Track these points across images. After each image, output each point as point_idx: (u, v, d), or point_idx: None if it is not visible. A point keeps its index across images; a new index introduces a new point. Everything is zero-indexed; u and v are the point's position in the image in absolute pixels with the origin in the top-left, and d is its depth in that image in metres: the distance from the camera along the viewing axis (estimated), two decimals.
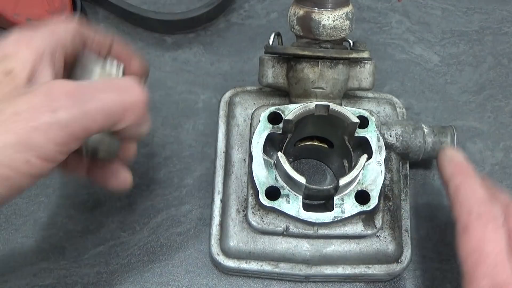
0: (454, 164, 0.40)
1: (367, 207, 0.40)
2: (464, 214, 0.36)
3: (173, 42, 0.56)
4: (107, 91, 0.31)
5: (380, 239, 0.43)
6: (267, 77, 0.44)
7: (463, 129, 0.53)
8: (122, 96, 0.31)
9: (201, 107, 0.53)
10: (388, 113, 0.47)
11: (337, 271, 0.43)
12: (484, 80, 0.55)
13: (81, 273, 0.46)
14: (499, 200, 0.38)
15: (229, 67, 0.55)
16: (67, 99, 0.28)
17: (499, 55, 0.56)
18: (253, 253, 0.43)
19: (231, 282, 0.46)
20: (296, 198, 0.40)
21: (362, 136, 0.42)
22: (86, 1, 0.56)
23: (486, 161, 0.52)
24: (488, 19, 0.58)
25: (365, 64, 0.44)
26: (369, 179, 0.41)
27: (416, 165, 0.50)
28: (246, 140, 0.45)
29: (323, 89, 0.43)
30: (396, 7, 0.58)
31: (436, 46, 0.57)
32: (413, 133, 0.44)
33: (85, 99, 0.29)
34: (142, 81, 0.40)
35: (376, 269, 0.43)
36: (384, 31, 0.57)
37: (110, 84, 0.32)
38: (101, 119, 0.30)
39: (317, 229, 0.41)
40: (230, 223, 0.43)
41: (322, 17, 0.41)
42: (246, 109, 0.47)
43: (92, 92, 0.30)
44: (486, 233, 0.34)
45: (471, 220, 0.35)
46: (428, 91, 0.55)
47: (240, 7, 0.58)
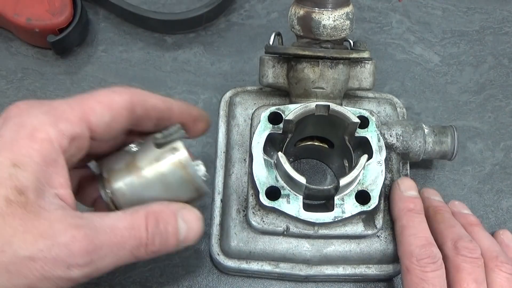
0: (403, 202, 0.42)
1: (368, 207, 0.40)
2: (406, 257, 0.39)
3: (173, 42, 0.56)
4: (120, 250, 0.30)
5: (380, 239, 0.43)
6: (268, 77, 0.44)
7: (463, 129, 0.53)
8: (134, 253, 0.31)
9: (201, 107, 0.53)
10: (389, 113, 0.47)
11: (338, 271, 0.43)
12: (485, 80, 0.55)
13: None
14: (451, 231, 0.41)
15: (229, 67, 0.55)
16: (84, 258, 0.28)
17: (500, 55, 0.56)
18: (253, 253, 0.42)
19: (231, 282, 0.46)
20: (296, 198, 0.40)
21: (363, 136, 0.42)
22: (87, 1, 0.56)
23: (486, 161, 0.52)
24: (489, 19, 0.58)
25: (366, 64, 0.44)
26: (369, 179, 0.41)
27: (416, 165, 0.50)
28: (247, 140, 0.45)
29: (323, 89, 0.43)
30: (397, 7, 0.58)
31: (437, 46, 0.57)
32: (413, 133, 0.44)
33: (101, 257, 0.29)
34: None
35: (376, 269, 0.43)
36: (385, 31, 0.57)
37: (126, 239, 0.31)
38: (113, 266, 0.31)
39: (318, 229, 0.41)
40: (231, 223, 0.43)
41: (323, 17, 0.41)
42: (247, 109, 0.47)
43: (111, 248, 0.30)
44: (426, 275, 0.37)
45: (413, 262, 0.38)
46: (429, 91, 0.55)
47: (241, 7, 0.58)
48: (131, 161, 0.33)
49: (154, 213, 0.32)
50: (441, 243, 0.40)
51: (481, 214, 0.50)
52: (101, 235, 0.29)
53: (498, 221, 0.50)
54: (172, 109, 0.36)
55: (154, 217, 0.32)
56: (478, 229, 0.43)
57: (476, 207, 0.50)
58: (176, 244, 0.33)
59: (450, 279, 0.38)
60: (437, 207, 0.44)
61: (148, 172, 0.33)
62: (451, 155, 0.46)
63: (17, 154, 0.28)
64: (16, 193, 0.27)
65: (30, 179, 0.28)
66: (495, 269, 0.39)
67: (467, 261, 0.38)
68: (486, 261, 0.39)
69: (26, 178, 0.28)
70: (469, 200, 0.50)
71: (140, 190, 0.33)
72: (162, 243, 0.32)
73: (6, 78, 0.54)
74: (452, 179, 0.51)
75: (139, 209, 0.32)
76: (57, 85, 0.54)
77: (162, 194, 0.33)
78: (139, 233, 0.31)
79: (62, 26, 0.51)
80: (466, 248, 0.38)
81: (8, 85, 0.53)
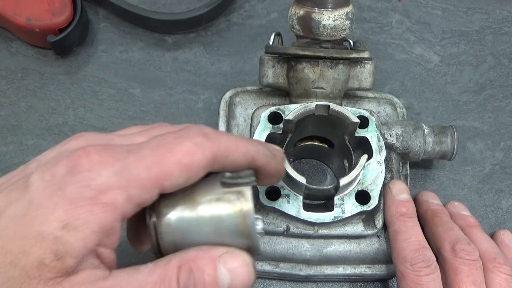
0: (395, 206, 0.42)
1: (368, 207, 0.40)
2: (400, 262, 0.39)
3: (173, 42, 0.56)
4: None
5: (380, 239, 0.43)
6: (268, 77, 0.44)
7: (463, 129, 0.53)
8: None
9: (201, 107, 0.53)
10: (389, 113, 0.47)
11: (338, 271, 0.43)
12: (485, 80, 0.55)
13: None
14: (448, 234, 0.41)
15: (229, 67, 0.55)
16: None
17: (500, 55, 0.56)
18: None
19: None
20: (296, 198, 0.40)
21: (363, 136, 0.42)
22: (87, 1, 0.56)
23: (486, 161, 0.52)
24: (489, 19, 0.58)
25: (365, 64, 0.44)
26: (369, 179, 0.41)
27: (416, 165, 0.50)
28: None
29: (323, 89, 0.43)
30: (397, 7, 0.58)
31: (437, 46, 0.57)
32: (413, 133, 0.44)
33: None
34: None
35: (376, 269, 0.43)
36: (385, 31, 0.57)
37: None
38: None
39: (317, 229, 0.41)
40: None
41: (323, 17, 0.41)
42: (247, 109, 0.47)
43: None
44: (420, 279, 0.38)
45: (407, 267, 0.38)
46: (429, 91, 0.55)
47: (241, 7, 0.58)
48: (190, 193, 0.30)
49: (188, 261, 0.28)
50: (439, 246, 0.40)
51: (481, 214, 0.50)
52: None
53: (498, 221, 0.50)
54: (253, 164, 0.31)
55: (187, 266, 0.28)
56: (476, 231, 0.43)
57: (476, 207, 0.50)
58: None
59: (449, 282, 0.38)
60: (435, 210, 0.44)
61: (204, 209, 0.29)
62: (451, 155, 0.46)
63: (72, 215, 0.25)
64: (53, 257, 0.25)
65: (77, 246, 0.25)
66: (494, 271, 0.39)
67: (465, 263, 0.38)
68: (484, 262, 0.39)
69: (72, 245, 0.25)
70: (469, 200, 0.50)
71: (188, 225, 0.29)
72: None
73: (6, 78, 0.54)
74: (452, 179, 0.51)
75: (172, 257, 0.28)
76: (57, 85, 0.54)
77: (210, 237, 0.29)
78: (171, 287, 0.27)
79: (62, 26, 0.51)
80: (464, 251, 0.38)
81: (8, 85, 0.53)
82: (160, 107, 0.53)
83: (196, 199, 0.29)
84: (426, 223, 0.43)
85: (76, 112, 0.53)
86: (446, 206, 0.47)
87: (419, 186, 0.50)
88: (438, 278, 0.38)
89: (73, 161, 0.26)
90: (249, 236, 0.30)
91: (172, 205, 0.29)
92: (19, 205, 0.26)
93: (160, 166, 0.27)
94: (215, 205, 0.29)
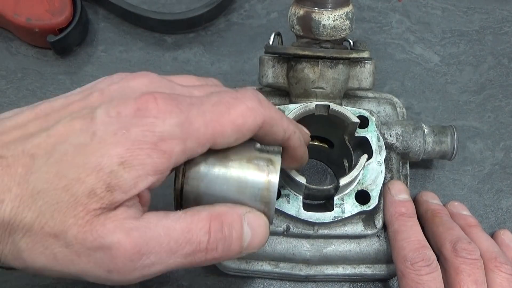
0: (394, 206, 0.42)
1: (367, 207, 0.40)
2: (400, 261, 0.39)
3: (173, 42, 0.56)
4: (171, 257, 0.28)
5: (380, 239, 0.43)
6: (267, 77, 0.44)
7: (463, 129, 0.53)
8: (190, 259, 0.29)
9: None
10: (388, 113, 0.47)
11: (337, 271, 0.43)
12: (484, 80, 0.55)
13: None
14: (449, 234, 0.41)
15: (229, 67, 0.55)
16: (127, 266, 0.27)
17: (499, 55, 0.56)
18: (253, 253, 0.42)
19: (231, 282, 0.46)
20: (296, 198, 0.40)
21: (362, 136, 0.42)
22: (86, 1, 0.56)
23: (486, 161, 0.52)
24: (488, 19, 0.58)
25: (365, 64, 0.44)
26: (369, 179, 0.41)
27: (416, 165, 0.50)
28: None
29: (323, 89, 0.43)
30: (396, 6, 0.58)
31: (436, 46, 0.57)
32: (413, 133, 0.44)
33: (147, 265, 0.28)
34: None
35: (376, 269, 0.43)
36: (384, 31, 0.57)
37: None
38: (162, 272, 0.29)
39: (317, 229, 0.41)
40: None
41: (322, 17, 0.41)
42: None
43: (160, 256, 0.28)
44: (421, 278, 0.37)
45: (407, 266, 0.38)
46: (428, 91, 0.55)
47: (240, 7, 0.58)
48: (224, 150, 0.30)
49: (218, 215, 0.29)
50: (440, 245, 0.40)
51: (481, 214, 0.50)
52: (152, 241, 0.27)
53: (498, 220, 0.50)
54: (286, 143, 0.33)
55: (218, 220, 0.29)
56: (477, 230, 0.43)
57: (476, 207, 0.50)
58: (239, 251, 0.30)
59: (450, 281, 0.38)
60: (435, 210, 0.44)
61: (234, 166, 0.30)
62: (451, 155, 0.46)
63: (131, 155, 0.26)
64: (104, 188, 0.26)
65: (129, 183, 0.26)
66: (495, 270, 0.39)
67: (466, 262, 0.38)
68: (485, 262, 0.39)
69: (125, 181, 0.26)
70: (469, 200, 0.50)
71: (215, 177, 0.30)
72: (225, 249, 0.29)
73: (6, 78, 0.54)
74: (452, 179, 0.51)
75: (201, 209, 0.29)
76: (57, 85, 0.54)
77: (232, 194, 0.31)
78: (199, 238, 0.28)
79: (62, 26, 0.51)
80: (464, 250, 0.38)
81: (8, 85, 0.53)
82: None
83: (229, 155, 0.31)
84: (426, 223, 0.43)
85: None
86: (446, 206, 0.47)
87: (419, 186, 0.50)
88: (439, 277, 0.38)
89: (141, 104, 0.28)
90: (267, 204, 0.31)
91: (205, 155, 0.30)
92: (82, 135, 0.27)
93: (217, 124, 0.29)
94: (245, 166, 0.31)
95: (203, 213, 0.29)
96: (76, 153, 0.26)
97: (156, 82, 0.31)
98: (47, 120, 0.29)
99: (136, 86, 0.30)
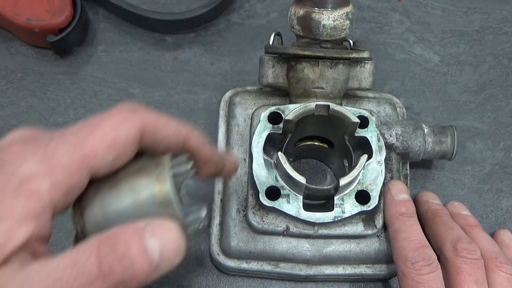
0: (394, 206, 0.42)
1: (367, 207, 0.40)
2: (401, 261, 0.39)
3: (173, 42, 0.56)
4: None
5: (380, 239, 0.43)
6: (267, 77, 0.44)
7: (463, 129, 0.53)
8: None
9: (201, 107, 0.53)
10: (388, 113, 0.47)
11: (337, 271, 0.43)
12: (484, 80, 0.55)
13: None
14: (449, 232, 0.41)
15: (229, 67, 0.55)
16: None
17: (499, 55, 0.56)
18: (253, 253, 0.43)
19: (231, 282, 0.46)
20: (296, 198, 0.40)
21: (362, 136, 0.42)
22: (86, 1, 0.56)
23: (486, 161, 0.52)
24: (488, 19, 0.58)
25: (365, 64, 0.44)
26: (369, 179, 0.41)
27: (416, 165, 0.50)
28: (246, 140, 0.45)
29: (323, 89, 0.43)
30: (396, 6, 0.58)
31: (436, 46, 0.57)
32: (413, 133, 0.44)
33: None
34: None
35: (376, 269, 0.43)
36: (384, 31, 0.57)
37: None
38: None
39: (317, 229, 0.41)
40: (230, 223, 0.43)
41: (322, 17, 0.41)
42: (246, 109, 0.47)
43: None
44: (421, 278, 0.37)
45: (407, 266, 0.38)
46: (428, 91, 0.55)
47: (240, 7, 0.58)
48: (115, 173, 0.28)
49: (109, 237, 0.26)
50: (440, 245, 0.40)
51: (481, 214, 0.50)
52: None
53: (498, 220, 0.50)
54: (186, 144, 0.30)
55: (109, 241, 0.25)
56: (477, 230, 0.43)
57: (476, 207, 0.50)
58: (149, 267, 0.26)
59: (450, 281, 0.38)
60: (436, 210, 0.44)
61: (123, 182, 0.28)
62: (451, 155, 0.46)
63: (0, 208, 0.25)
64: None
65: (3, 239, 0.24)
66: (496, 270, 0.39)
67: (467, 262, 0.38)
68: (486, 262, 0.39)
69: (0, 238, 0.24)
70: (469, 200, 0.50)
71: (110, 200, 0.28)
72: (127, 269, 0.25)
73: (6, 78, 0.54)
74: (452, 179, 0.51)
75: (92, 237, 0.26)
76: (57, 85, 0.54)
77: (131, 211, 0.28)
78: (87, 267, 0.25)
79: (62, 26, 0.51)
80: (465, 250, 0.38)
81: (8, 85, 0.53)
82: (160, 107, 0.53)
83: (118, 175, 0.28)
84: (427, 223, 0.43)
85: (76, 112, 0.53)
86: (446, 206, 0.47)
87: (419, 186, 0.50)
88: (440, 277, 0.38)
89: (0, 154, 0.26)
90: (169, 204, 0.27)
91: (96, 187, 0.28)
92: None
93: (83, 147, 0.26)
94: (133, 179, 0.28)
95: (91, 240, 0.26)
96: None
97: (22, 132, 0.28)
98: None
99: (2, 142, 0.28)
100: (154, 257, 0.26)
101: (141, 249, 0.26)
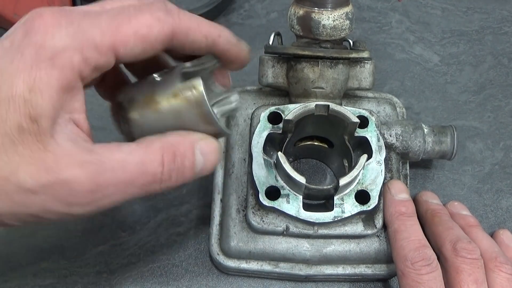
0: (394, 206, 0.42)
1: (367, 207, 0.40)
2: (400, 261, 0.39)
3: None
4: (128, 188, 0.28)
5: (380, 239, 0.43)
6: (267, 77, 0.44)
7: (463, 128, 0.53)
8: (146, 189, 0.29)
9: None
10: (388, 113, 0.47)
11: (337, 271, 0.43)
12: (484, 79, 0.55)
13: (81, 273, 0.46)
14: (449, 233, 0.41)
15: None
16: (86, 197, 0.27)
17: (499, 55, 0.56)
18: (253, 253, 0.43)
19: (231, 282, 0.46)
20: (296, 198, 0.40)
21: (362, 136, 0.42)
22: (86, 1, 0.56)
23: (486, 161, 0.52)
24: (488, 18, 0.58)
25: (365, 64, 0.44)
26: (369, 179, 0.41)
27: (415, 165, 0.50)
28: (246, 140, 0.45)
29: (323, 89, 0.43)
30: (396, 6, 0.58)
31: (436, 46, 0.57)
32: (413, 133, 0.44)
33: (106, 195, 0.28)
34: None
35: (376, 269, 0.43)
36: (384, 31, 0.57)
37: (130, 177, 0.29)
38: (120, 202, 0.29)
39: (317, 229, 0.41)
40: (230, 223, 0.43)
41: (322, 17, 0.41)
42: (246, 109, 0.47)
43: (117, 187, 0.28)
44: (421, 277, 0.37)
45: (407, 266, 0.38)
46: (428, 90, 0.55)
47: (240, 7, 0.58)
48: (151, 94, 0.31)
49: (171, 146, 0.30)
50: (440, 245, 0.40)
51: (481, 213, 0.50)
52: (108, 173, 0.27)
53: (497, 220, 0.50)
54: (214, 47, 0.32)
55: (171, 151, 0.30)
56: (477, 230, 0.43)
57: (475, 207, 0.50)
58: (192, 177, 0.31)
59: (450, 281, 0.38)
60: (435, 210, 0.44)
61: (164, 107, 0.31)
62: (451, 155, 0.46)
63: (35, 78, 0.26)
64: (29, 120, 0.25)
65: (46, 107, 0.26)
66: (495, 270, 0.39)
67: (466, 262, 0.38)
68: (485, 262, 0.39)
69: (41, 106, 0.26)
70: (469, 200, 0.50)
71: (156, 124, 0.31)
72: (179, 177, 0.30)
73: None
74: (452, 178, 0.51)
75: (154, 140, 0.30)
76: None
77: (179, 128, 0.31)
78: (153, 169, 0.29)
79: None
80: (465, 249, 0.38)
81: None
82: None
83: (156, 99, 0.31)
84: (426, 223, 0.43)
85: None
86: (445, 206, 0.47)
87: (419, 186, 0.50)
88: (439, 277, 0.38)
89: (28, 25, 0.27)
90: (211, 122, 0.31)
91: (137, 109, 0.31)
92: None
93: (116, 33, 0.27)
94: (172, 101, 0.30)
95: (156, 145, 0.29)
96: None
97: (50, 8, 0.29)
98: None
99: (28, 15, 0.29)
100: (197, 170, 0.31)
101: (191, 163, 0.31)
